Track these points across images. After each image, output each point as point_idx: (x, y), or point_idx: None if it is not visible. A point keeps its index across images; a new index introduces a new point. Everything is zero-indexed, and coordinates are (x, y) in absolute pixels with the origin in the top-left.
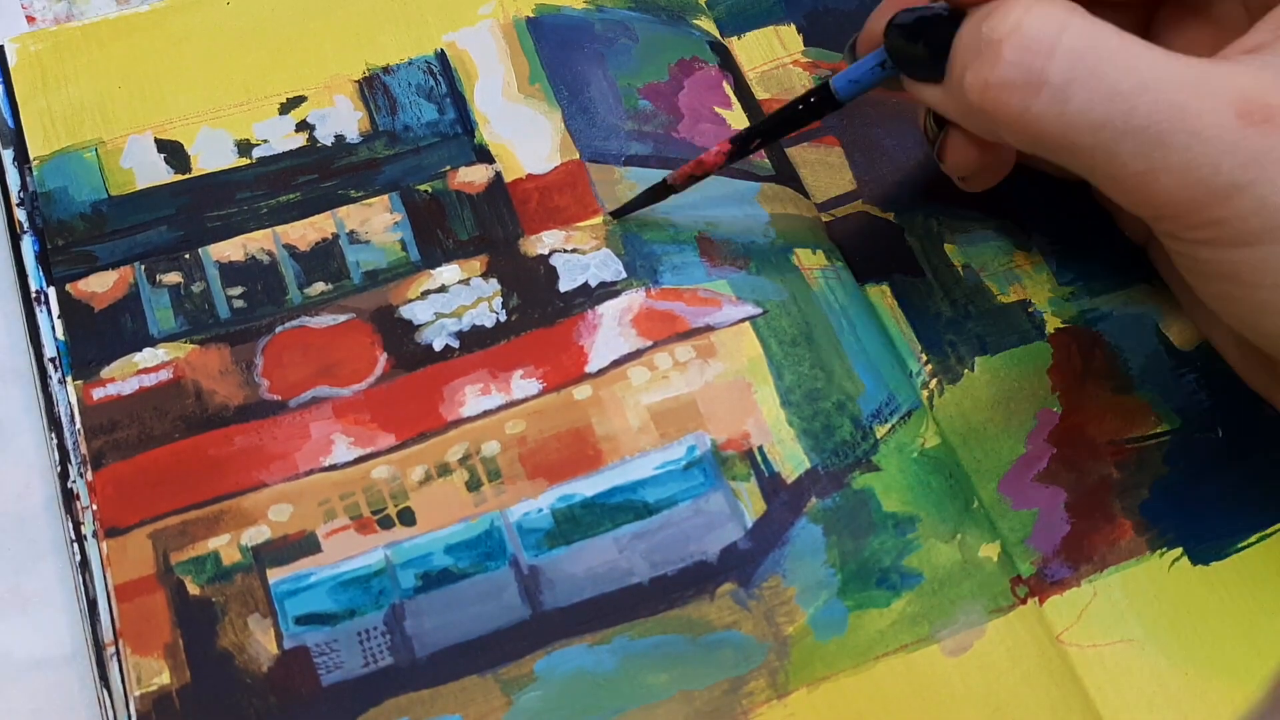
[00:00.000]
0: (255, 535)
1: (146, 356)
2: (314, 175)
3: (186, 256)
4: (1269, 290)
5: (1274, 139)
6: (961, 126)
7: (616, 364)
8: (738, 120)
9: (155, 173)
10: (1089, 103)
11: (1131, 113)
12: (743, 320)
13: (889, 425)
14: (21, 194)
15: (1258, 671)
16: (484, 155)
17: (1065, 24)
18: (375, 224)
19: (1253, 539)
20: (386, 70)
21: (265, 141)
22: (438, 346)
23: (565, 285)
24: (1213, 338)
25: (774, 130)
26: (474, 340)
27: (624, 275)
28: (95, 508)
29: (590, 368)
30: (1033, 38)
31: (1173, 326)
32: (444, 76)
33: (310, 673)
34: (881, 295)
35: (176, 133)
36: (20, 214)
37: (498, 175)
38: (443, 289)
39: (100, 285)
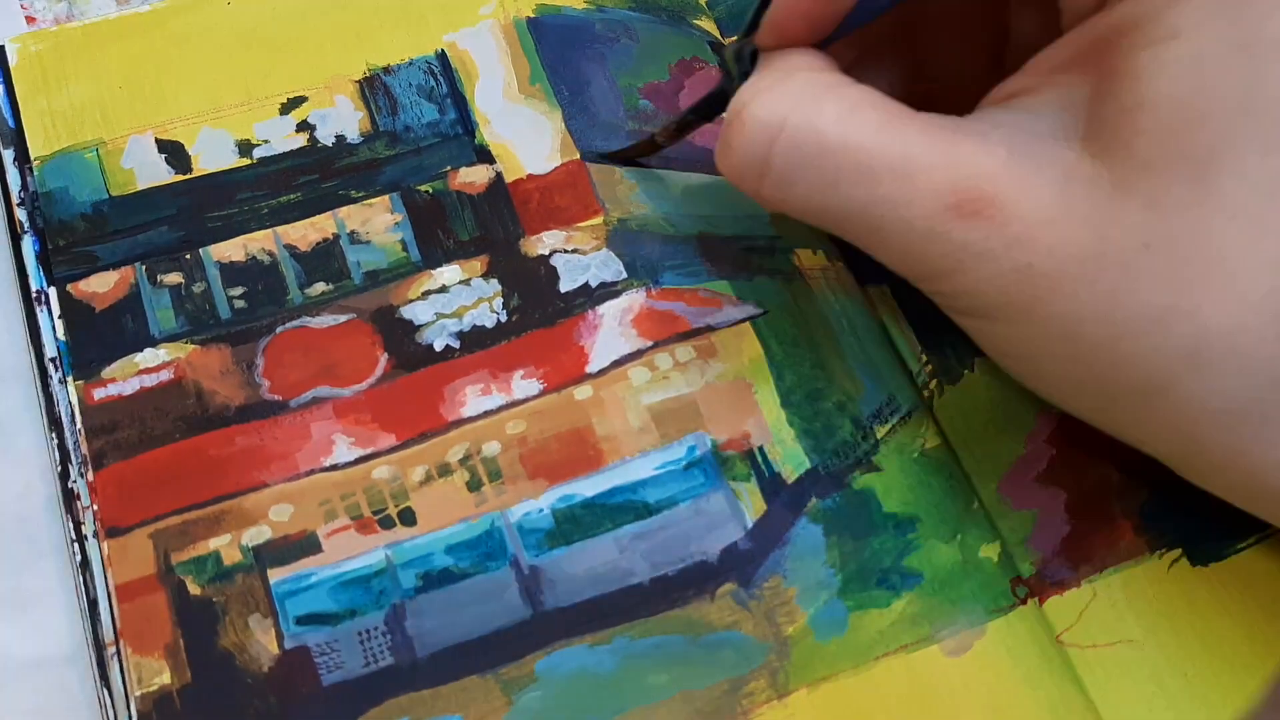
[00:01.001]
0: (256, 535)
1: (147, 356)
2: (315, 175)
3: (187, 257)
4: (996, 355)
5: (978, 232)
6: None
7: (617, 364)
8: None
9: (156, 173)
10: (808, 191)
11: (849, 200)
12: (743, 320)
13: (889, 426)
14: (22, 194)
15: (1258, 671)
16: (485, 155)
17: (786, 113)
18: (376, 224)
19: (1252, 540)
20: (387, 70)
21: (266, 142)
22: (438, 347)
23: (566, 285)
24: None
25: (707, 111)
26: (474, 340)
27: (624, 275)
28: (96, 508)
29: (591, 368)
30: (755, 128)
31: None
32: (445, 77)
33: (311, 673)
34: (882, 296)
35: (177, 133)
36: (21, 214)
37: (498, 175)
38: (443, 289)
39: (101, 285)
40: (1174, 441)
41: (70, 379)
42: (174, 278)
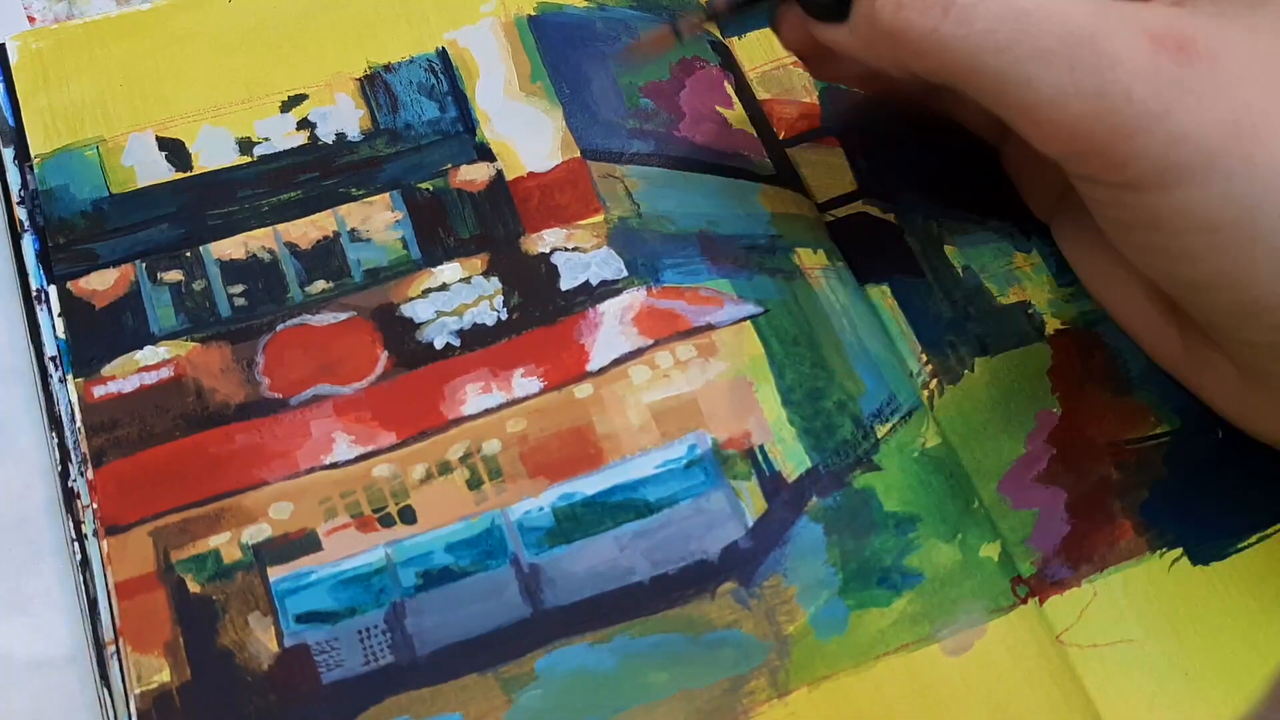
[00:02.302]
0: (256, 533)
1: (147, 354)
2: (315, 173)
3: (188, 254)
4: (1193, 235)
5: (1188, 69)
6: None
7: (617, 362)
8: (739, 120)
9: (156, 170)
10: (995, 22)
11: (1040, 34)
12: (744, 319)
13: (890, 425)
14: (22, 192)
15: (1258, 671)
16: (485, 153)
17: None
18: (376, 222)
19: (1252, 539)
20: (388, 68)
21: (266, 139)
22: (439, 345)
23: (566, 283)
24: (1117, 313)
25: None
26: (475, 338)
27: (625, 274)
28: (96, 506)
29: (591, 366)
30: None
31: None
32: (445, 74)
33: (311, 671)
34: (882, 296)
35: (178, 131)
36: (21, 212)
37: (499, 173)
38: (444, 287)
39: (101, 283)
40: None
41: (70, 377)
42: (174, 275)
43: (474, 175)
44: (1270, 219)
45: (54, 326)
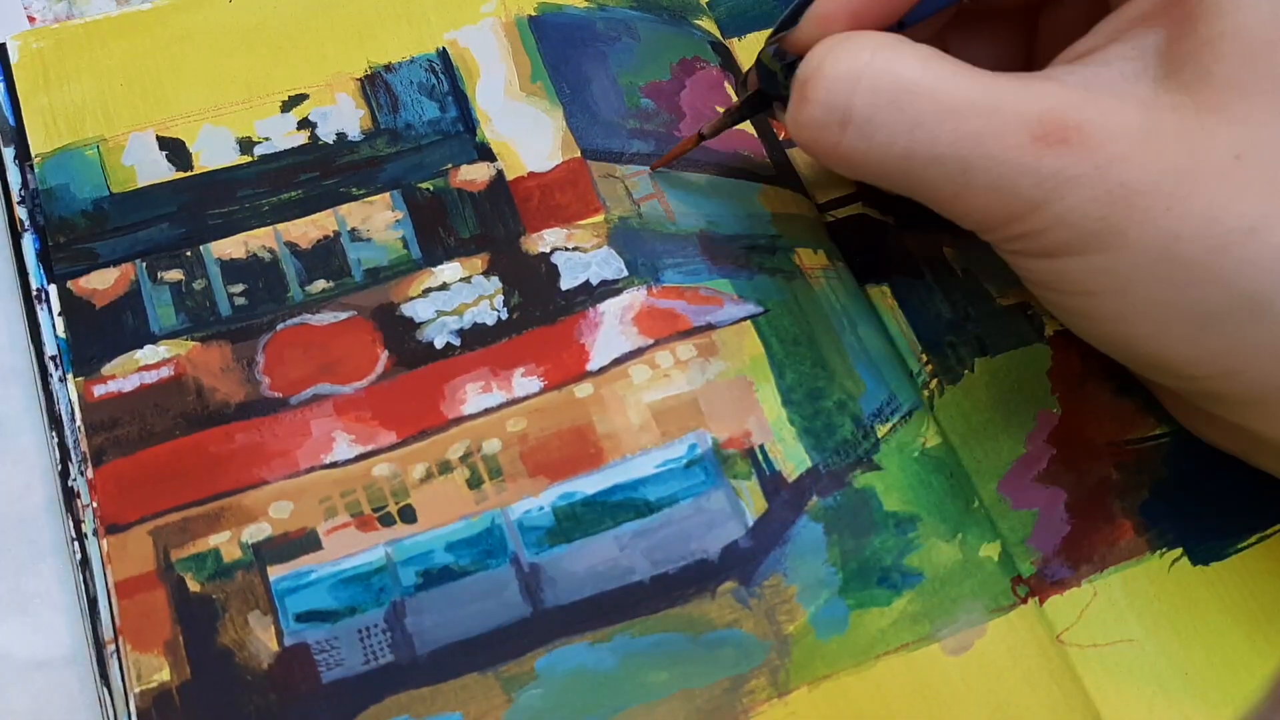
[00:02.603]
0: (256, 532)
1: (148, 353)
2: (315, 173)
3: (188, 254)
4: (1076, 298)
5: (1067, 159)
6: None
7: (618, 362)
8: None
9: (157, 170)
10: (892, 136)
11: (934, 142)
12: (744, 319)
13: (890, 425)
14: (22, 191)
15: (1258, 671)
16: (485, 153)
17: (868, 61)
18: (377, 222)
19: (1252, 539)
20: (388, 68)
21: (267, 139)
22: (439, 344)
23: (566, 283)
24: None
25: (746, 113)
26: (475, 338)
27: (625, 273)
28: (96, 505)
29: (591, 366)
30: (835, 78)
31: None
32: (446, 74)
33: (310, 670)
34: (882, 296)
35: (178, 130)
36: (21, 211)
37: (499, 173)
38: (444, 287)
39: (101, 282)
40: (1270, 366)
41: (70, 376)
42: (174, 275)
43: (474, 175)
44: (1144, 288)
45: (54, 325)
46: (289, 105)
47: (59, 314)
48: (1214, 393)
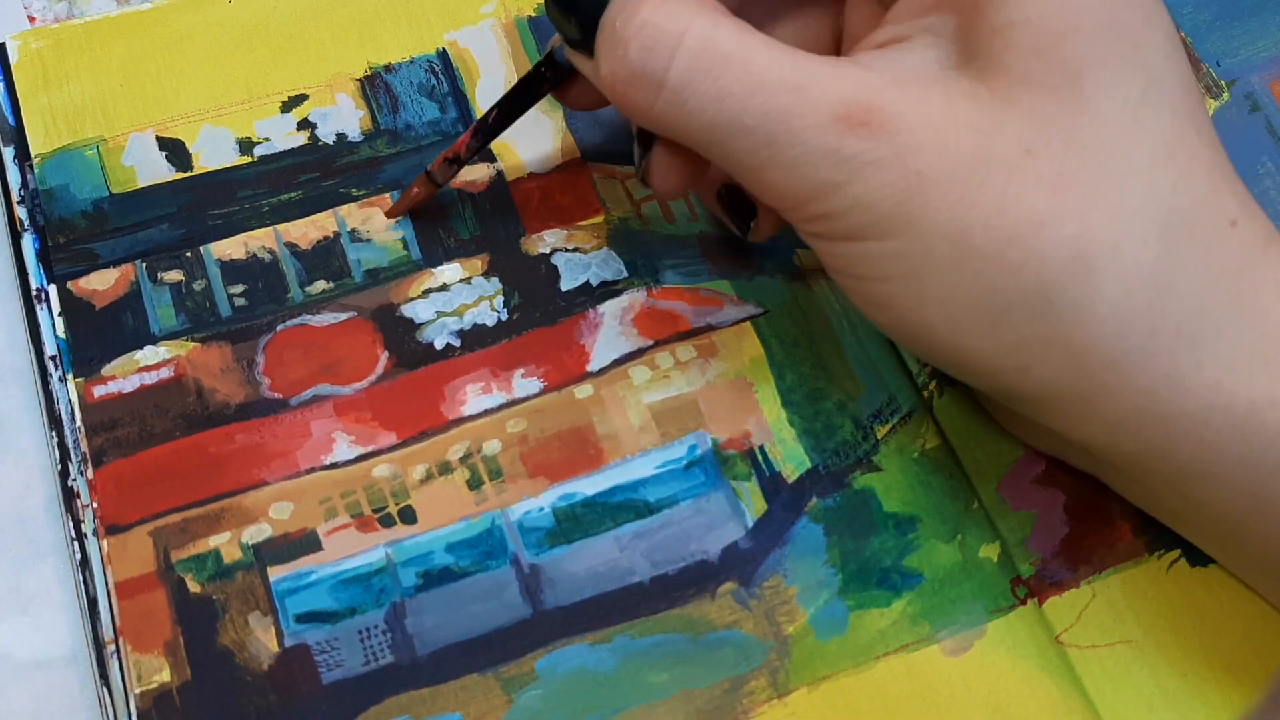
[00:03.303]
0: (256, 533)
1: (148, 354)
2: (315, 173)
3: (188, 254)
4: (872, 283)
5: (868, 143)
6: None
7: (618, 363)
8: None
9: (157, 170)
10: (703, 104)
11: (742, 114)
12: (744, 320)
13: (889, 426)
14: (22, 191)
15: (1257, 671)
16: (485, 154)
17: (687, 25)
18: (376, 222)
19: None
20: (388, 69)
21: (267, 140)
22: (439, 345)
23: (566, 284)
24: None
25: (514, 108)
26: (475, 339)
27: (625, 274)
28: (96, 505)
29: (591, 367)
30: (656, 38)
31: None
32: (446, 75)
33: (311, 671)
34: None
35: (178, 130)
36: (21, 211)
37: (499, 174)
38: (444, 288)
39: (101, 283)
40: (1062, 365)
41: (70, 377)
42: (174, 275)
43: (474, 176)
44: (938, 277)
45: (54, 326)
46: (289, 106)
47: (59, 314)
48: (1011, 390)
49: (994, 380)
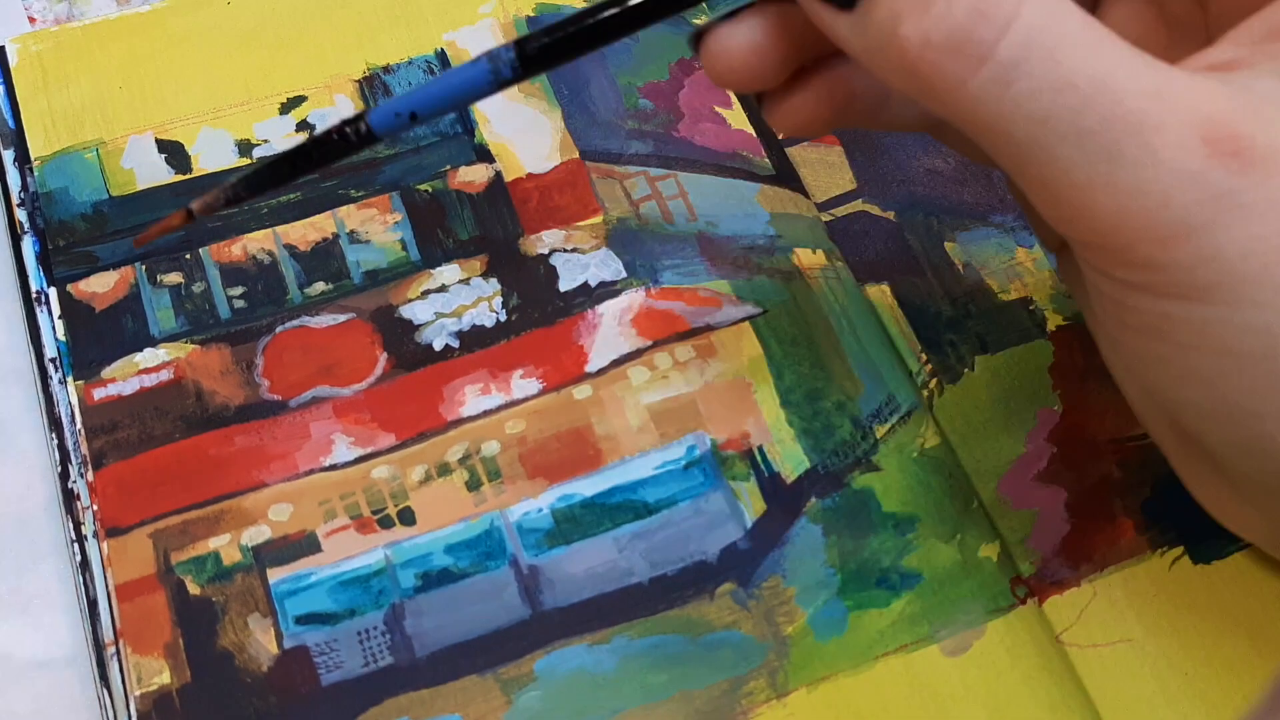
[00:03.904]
0: (255, 535)
1: (147, 356)
2: (314, 175)
3: (187, 256)
4: (1201, 355)
5: (1240, 180)
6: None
7: (616, 363)
8: (738, 120)
9: (156, 173)
10: (1035, 91)
11: (1082, 111)
12: (743, 320)
13: (889, 425)
14: (22, 194)
15: (1258, 671)
16: (484, 155)
17: None
18: (375, 224)
19: None
20: (387, 70)
21: (266, 141)
22: (438, 346)
23: (565, 285)
24: (1112, 369)
25: (299, 168)
26: (474, 340)
27: (624, 275)
28: (96, 508)
29: (590, 367)
30: (992, 1)
31: None
32: None
33: (310, 672)
34: (881, 295)
35: (177, 133)
36: (21, 214)
37: (498, 175)
38: (443, 289)
39: (101, 285)
40: None
41: (70, 379)
42: (174, 278)
43: (473, 177)
44: (1261, 363)
45: (54, 328)
46: (288, 107)
47: (59, 317)
48: None
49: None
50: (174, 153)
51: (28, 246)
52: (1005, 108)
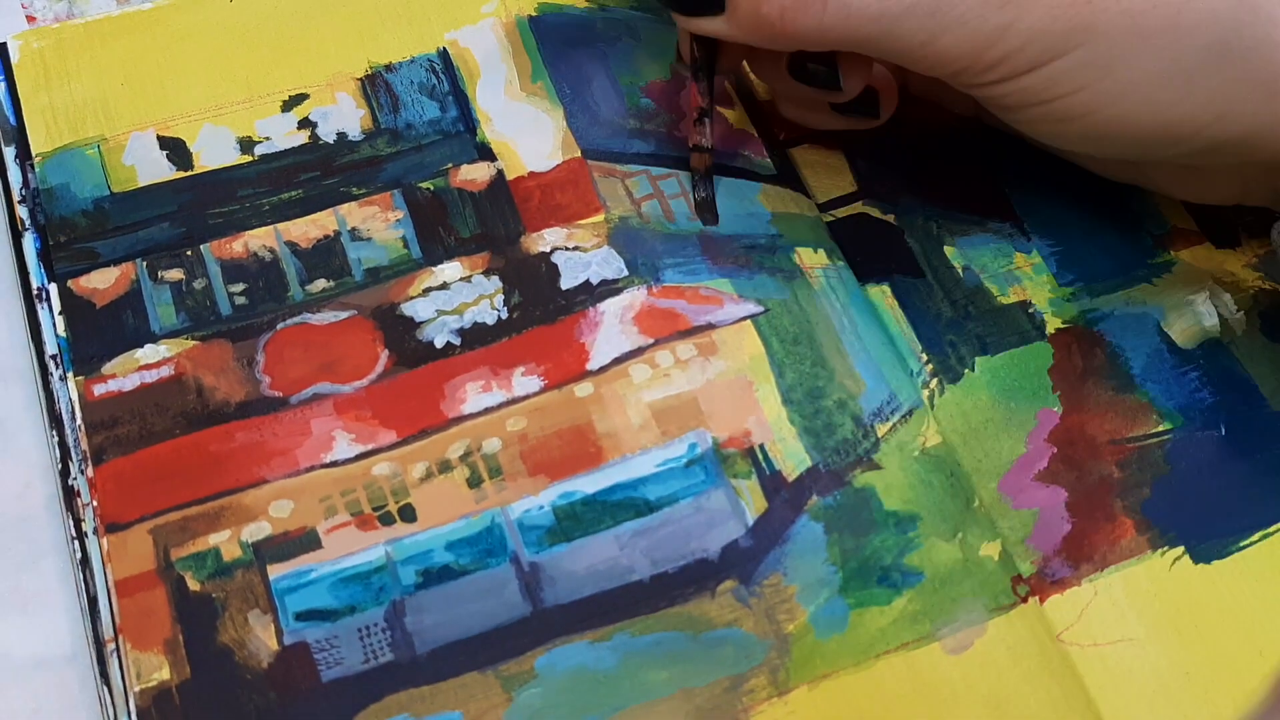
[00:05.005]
0: (256, 531)
1: (148, 353)
2: (316, 172)
3: (188, 253)
4: (1066, 99)
5: None
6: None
7: (618, 361)
8: (739, 119)
9: (157, 169)
10: (867, 2)
11: None
12: (744, 318)
13: (890, 424)
14: (23, 191)
15: (1258, 671)
16: (486, 153)
17: None
18: (377, 221)
19: (1254, 537)
20: (389, 68)
21: (267, 139)
22: (439, 343)
23: (567, 283)
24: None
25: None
26: (475, 337)
27: (625, 273)
28: (96, 504)
29: (591, 365)
30: None
31: (1174, 325)
32: (446, 74)
33: (310, 669)
34: (882, 295)
35: (179, 130)
36: (22, 211)
37: (499, 173)
38: (444, 286)
39: (102, 282)
40: (1254, 97)
41: (71, 375)
42: (175, 274)
43: (475, 175)
44: (1124, 66)
45: (55, 325)
46: (290, 105)
47: (59, 313)
48: (1214, 140)
49: (1195, 140)
50: (175, 149)
51: (29, 243)
52: (852, 24)
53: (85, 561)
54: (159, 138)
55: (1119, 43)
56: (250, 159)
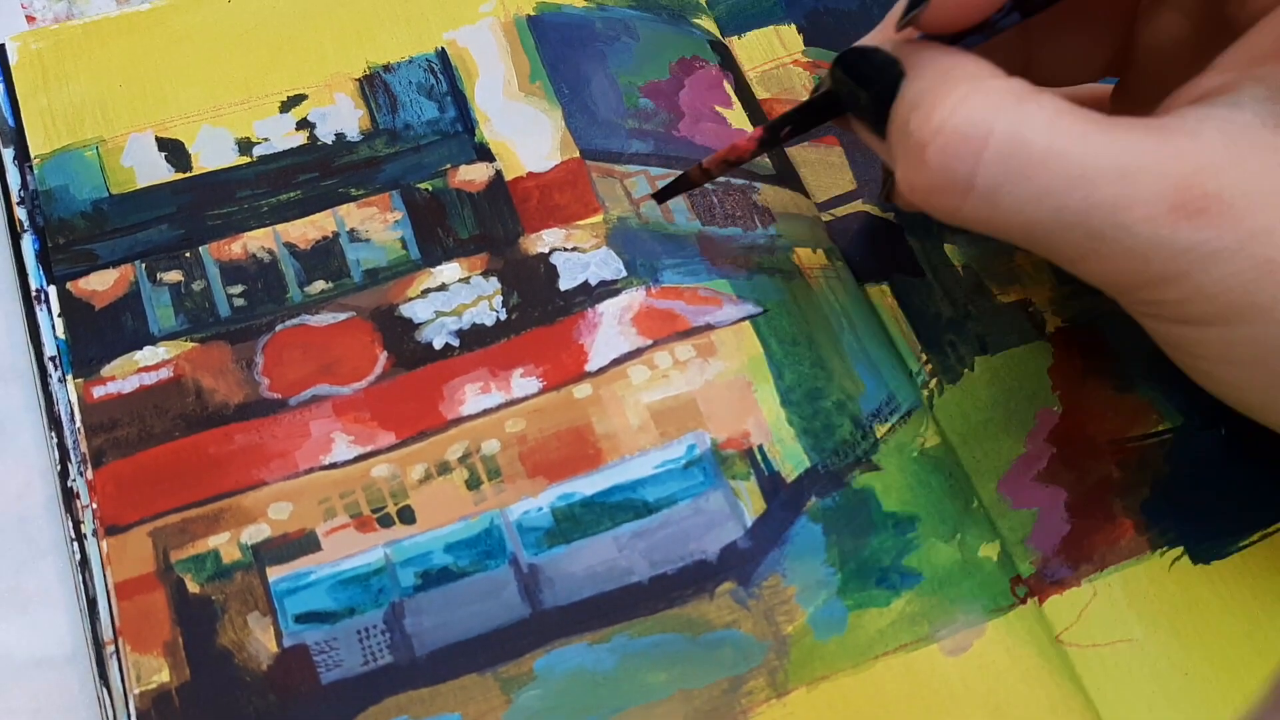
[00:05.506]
0: (255, 533)
1: (147, 355)
2: (314, 173)
3: (187, 255)
4: (1215, 365)
5: (1208, 232)
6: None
7: (616, 362)
8: (738, 119)
9: (156, 171)
10: (1018, 204)
11: (1062, 210)
12: (743, 319)
13: (889, 425)
14: (22, 192)
15: (1258, 671)
16: (484, 153)
17: (991, 126)
18: (375, 222)
19: (1254, 537)
20: (387, 68)
21: (266, 140)
22: (438, 345)
23: (565, 284)
24: None
25: (805, 121)
26: (474, 338)
27: (624, 274)
28: (95, 506)
29: (590, 366)
30: (957, 142)
31: None
32: (445, 75)
33: (310, 671)
34: (881, 295)
35: (177, 131)
36: (20, 212)
37: (498, 173)
38: (443, 287)
39: (101, 283)
40: None
41: (70, 377)
42: (174, 276)
43: (473, 175)
44: None
45: (54, 327)
46: (288, 106)
47: (58, 315)
48: None
49: None
50: (174, 151)
51: (27, 244)
52: (997, 220)
53: (85, 563)
54: (157, 139)
55: None
56: (249, 160)
